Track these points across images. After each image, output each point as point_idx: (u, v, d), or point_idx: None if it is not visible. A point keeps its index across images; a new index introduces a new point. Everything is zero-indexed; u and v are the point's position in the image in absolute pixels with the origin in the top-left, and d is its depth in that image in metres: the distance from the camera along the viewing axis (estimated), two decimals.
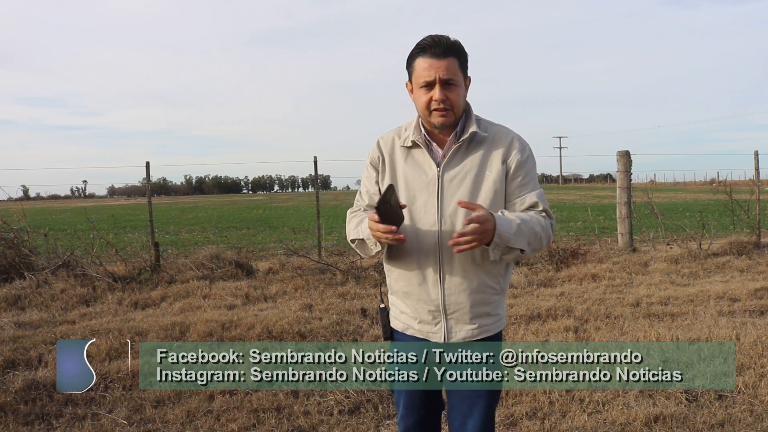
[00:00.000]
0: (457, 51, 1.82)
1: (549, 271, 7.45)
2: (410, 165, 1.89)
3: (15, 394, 3.66)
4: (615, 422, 3.20)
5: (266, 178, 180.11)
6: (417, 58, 1.83)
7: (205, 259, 7.86)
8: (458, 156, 1.87)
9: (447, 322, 1.89)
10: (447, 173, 1.86)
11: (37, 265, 7.47)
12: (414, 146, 1.89)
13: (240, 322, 5.27)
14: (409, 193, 1.88)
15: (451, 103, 1.82)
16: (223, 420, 3.37)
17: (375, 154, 1.95)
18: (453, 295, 1.87)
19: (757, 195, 9.31)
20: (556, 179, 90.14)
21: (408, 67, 1.88)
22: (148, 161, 8.66)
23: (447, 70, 1.79)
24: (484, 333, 1.90)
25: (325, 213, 16.19)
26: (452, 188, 1.85)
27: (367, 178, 1.98)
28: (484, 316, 1.90)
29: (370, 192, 1.97)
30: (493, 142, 1.89)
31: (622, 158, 9.09)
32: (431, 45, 1.80)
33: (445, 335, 1.89)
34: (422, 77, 1.81)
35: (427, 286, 1.88)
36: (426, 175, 1.87)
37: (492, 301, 1.90)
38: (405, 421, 2.02)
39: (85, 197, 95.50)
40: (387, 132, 1.98)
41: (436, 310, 1.89)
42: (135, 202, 50.80)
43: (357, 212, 2.00)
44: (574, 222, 15.01)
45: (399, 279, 1.94)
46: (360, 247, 1.91)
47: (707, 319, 5.05)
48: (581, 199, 29.82)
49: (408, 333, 1.95)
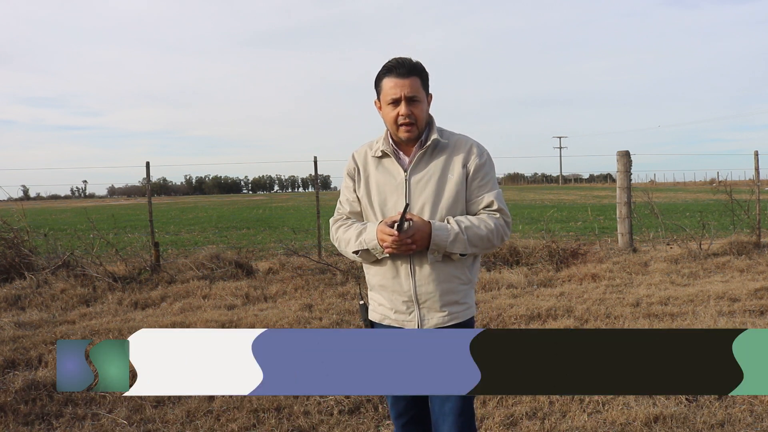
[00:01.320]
0: (419, 71, 2.05)
1: (549, 271, 7.45)
2: (381, 172, 2.12)
3: (15, 394, 3.66)
4: (615, 422, 3.20)
5: (266, 178, 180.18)
6: (384, 78, 2.05)
7: (205, 259, 7.86)
8: (423, 161, 2.09)
9: (420, 310, 2.08)
10: (413, 177, 2.08)
11: (37, 265, 7.48)
12: (384, 156, 2.12)
13: (240, 322, 5.27)
14: (381, 196, 2.10)
15: (416, 117, 2.03)
16: (223, 420, 3.37)
17: (351, 165, 2.18)
18: (423, 286, 2.05)
19: (757, 195, 9.31)
20: (556, 179, 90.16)
21: (376, 87, 2.10)
22: (148, 161, 8.67)
23: (411, 87, 2.01)
24: (454, 320, 2.09)
25: (325, 213, 16.16)
26: (418, 190, 2.07)
27: (346, 187, 2.21)
28: (453, 304, 2.08)
29: (350, 200, 2.19)
30: (454, 148, 2.10)
31: (622, 158, 9.09)
32: (396, 66, 2.02)
33: (419, 323, 2.08)
34: (389, 95, 2.03)
35: (400, 279, 2.07)
36: (395, 179, 2.09)
37: (460, 290, 2.09)
38: (401, 419, 2.22)
39: (85, 197, 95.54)
40: (360, 146, 2.21)
41: (409, 300, 2.07)
42: (135, 202, 50.83)
43: (342, 221, 2.19)
44: (574, 222, 15.01)
45: (375, 274, 2.14)
46: (363, 255, 2.09)
47: (707, 319, 5.05)
48: (581, 199, 29.83)
49: (385, 323, 2.14)
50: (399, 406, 2.20)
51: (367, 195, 2.13)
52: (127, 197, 75.22)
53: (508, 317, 5.28)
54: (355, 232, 2.09)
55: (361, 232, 2.06)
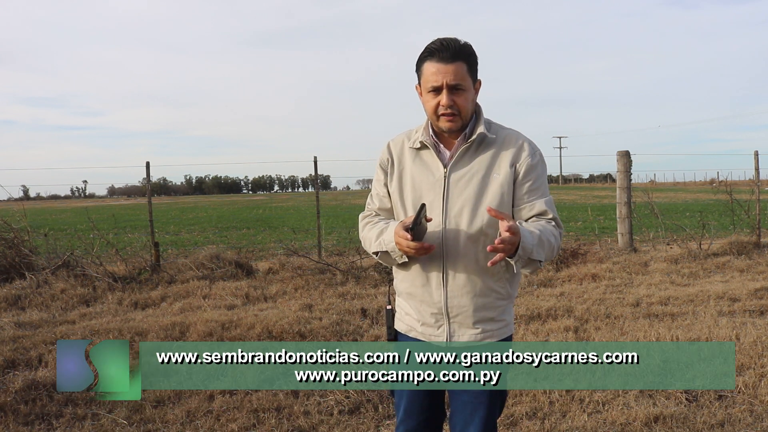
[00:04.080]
0: (466, 55, 1.80)
1: (549, 271, 7.45)
2: (418, 165, 1.89)
3: (15, 394, 3.65)
4: (615, 422, 3.20)
5: (266, 178, 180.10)
6: (425, 63, 1.81)
7: (205, 259, 7.86)
8: (466, 157, 1.86)
9: (450, 325, 1.86)
10: (454, 174, 1.85)
11: (38, 265, 7.47)
12: (423, 147, 1.89)
13: (240, 322, 5.27)
14: (416, 193, 1.87)
15: (459, 108, 1.80)
16: (223, 420, 3.37)
17: (384, 156, 1.96)
18: (456, 298, 1.84)
19: (757, 195, 9.30)
20: (556, 179, 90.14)
21: (417, 71, 1.87)
22: (148, 161, 8.67)
23: (455, 75, 1.77)
24: (488, 338, 1.87)
25: (325, 213, 16.19)
26: (458, 189, 1.84)
27: (377, 180, 1.99)
28: (488, 321, 1.87)
29: (380, 195, 1.97)
30: (503, 144, 1.87)
31: (622, 158, 9.09)
32: (439, 49, 1.78)
33: (448, 339, 1.87)
34: (430, 82, 1.80)
35: (430, 288, 1.86)
36: (433, 175, 1.86)
37: (497, 306, 1.87)
38: (404, 425, 2.00)
39: (85, 197, 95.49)
40: (397, 135, 1.98)
41: (438, 312, 1.86)
42: (135, 202, 50.81)
43: (370, 217, 1.99)
44: (574, 222, 15.00)
45: (404, 280, 1.93)
46: (383, 257, 1.88)
47: (707, 319, 5.05)
48: (581, 199, 29.82)
49: (411, 335, 1.94)
50: (409, 424, 1.99)
51: (399, 190, 1.91)
52: (127, 197, 75.21)
53: None
54: (376, 231, 1.89)
55: (382, 232, 1.86)
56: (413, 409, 1.98)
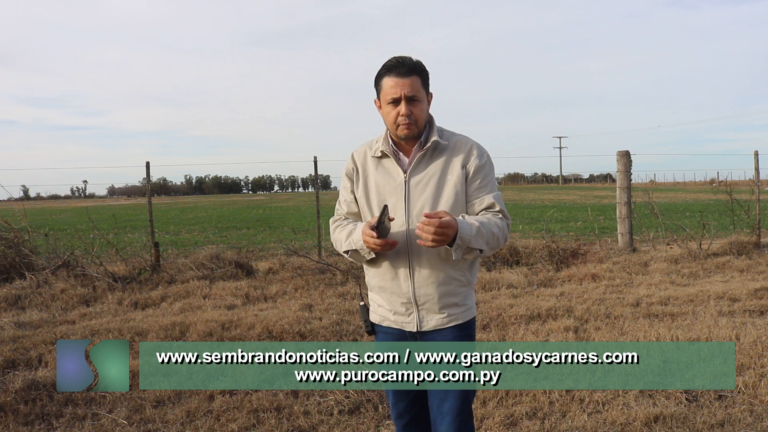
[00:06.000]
0: (420, 70, 2.02)
1: (549, 271, 7.45)
2: (380, 173, 2.10)
3: (15, 394, 3.66)
4: (615, 422, 3.20)
5: (266, 178, 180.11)
6: (384, 77, 2.02)
7: (205, 259, 7.86)
8: (422, 163, 2.07)
9: (419, 312, 2.07)
10: (413, 178, 2.05)
11: (38, 265, 7.48)
12: (383, 156, 2.10)
13: (240, 322, 5.27)
14: (380, 197, 2.08)
15: (415, 117, 2.01)
16: (223, 420, 3.37)
17: (350, 165, 2.16)
18: (422, 288, 2.04)
19: (757, 195, 9.31)
20: (556, 179, 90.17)
21: (376, 86, 2.07)
22: (148, 161, 8.66)
23: (411, 87, 1.99)
24: (453, 321, 2.07)
25: (325, 213, 16.15)
26: (418, 191, 2.04)
27: (344, 188, 2.19)
28: (452, 306, 2.07)
29: (347, 201, 2.17)
30: (454, 149, 2.08)
31: (622, 158, 9.09)
32: (396, 65, 2.00)
33: (418, 324, 2.07)
34: (389, 94, 2.01)
35: (398, 281, 2.06)
36: (394, 180, 2.07)
37: (459, 292, 2.07)
38: (402, 419, 2.20)
39: (85, 197, 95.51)
40: (359, 146, 2.18)
41: (408, 302, 2.06)
42: (135, 202, 50.83)
43: (339, 221, 2.18)
44: (574, 222, 15.01)
45: (375, 275, 2.12)
46: (353, 255, 2.08)
47: (707, 319, 5.05)
48: (581, 199, 29.83)
49: (384, 324, 2.14)
50: (400, 407, 2.19)
51: (365, 195, 2.12)
52: (127, 197, 75.20)
53: (508, 317, 5.28)
54: (346, 232, 2.09)
55: (351, 233, 2.06)
56: (405, 403, 2.18)
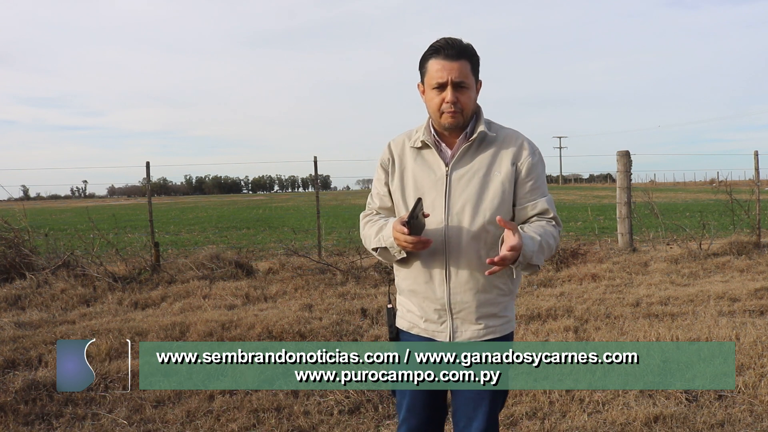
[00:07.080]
0: (470, 54, 1.83)
1: (549, 271, 7.45)
2: (419, 164, 1.90)
3: (15, 394, 3.65)
4: (615, 422, 3.20)
5: (266, 178, 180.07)
6: (430, 60, 1.84)
7: (205, 259, 7.86)
8: (467, 156, 1.88)
9: (452, 321, 1.88)
10: (455, 172, 1.87)
11: (38, 265, 7.47)
12: (424, 147, 1.91)
13: (240, 322, 5.27)
14: (418, 191, 1.89)
15: (462, 105, 1.83)
16: (223, 420, 3.37)
17: (385, 156, 1.97)
18: (459, 294, 1.86)
19: (757, 195, 9.30)
20: (556, 179, 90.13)
21: (420, 69, 1.88)
22: (148, 161, 8.68)
23: (459, 72, 1.80)
24: (491, 334, 1.89)
25: (325, 213, 16.19)
26: (460, 187, 1.86)
27: (378, 180, 2.00)
28: (490, 317, 1.89)
29: (380, 194, 1.99)
30: (503, 143, 1.90)
31: (622, 158, 9.09)
32: (444, 47, 1.81)
33: (450, 335, 1.89)
34: (434, 78, 1.82)
35: (433, 285, 1.88)
36: (435, 174, 1.88)
37: (499, 302, 1.89)
38: (407, 424, 2.00)
39: (86, 197, 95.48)
40: (398, 135, 1.99)
41: (441, 308, 1.88)
42: (135, 202, 50.82)
43: (370, 216, 2.01)
44: (574, 222, 15.00)
45: (406, 277, 1.94)
46: (383, 254, 1.90)
47: (707, 319, 5.05)
48: (581, 199, 29.81)
49: (413, 332, 1.95)
50: (411, 422, 1.99)
51: (400, 189, 1.92)
52: (128, 197, 75.21)
53: None
54: (376, 228, 1.91)
55: (381, 228, 1.88)
56: (415, 408, 1.98)
